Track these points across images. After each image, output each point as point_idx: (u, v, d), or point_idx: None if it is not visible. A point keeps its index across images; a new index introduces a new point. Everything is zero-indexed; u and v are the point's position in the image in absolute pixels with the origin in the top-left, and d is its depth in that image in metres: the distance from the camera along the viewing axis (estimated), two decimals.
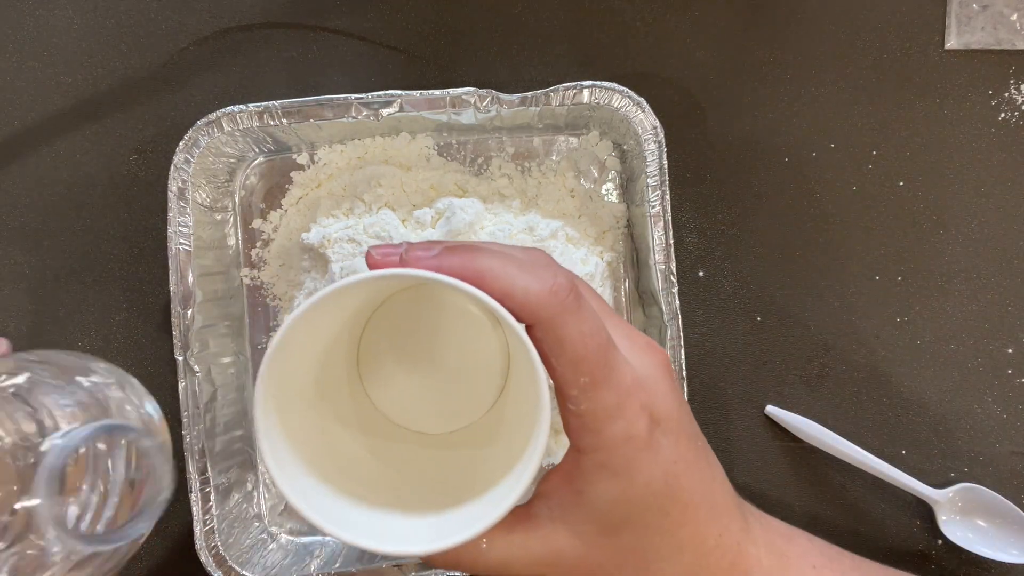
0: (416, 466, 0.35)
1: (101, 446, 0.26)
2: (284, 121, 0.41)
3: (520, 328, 0.26)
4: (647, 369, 0.29)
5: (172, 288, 0.41)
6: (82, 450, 0.25)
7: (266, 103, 0.41)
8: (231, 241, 0.46)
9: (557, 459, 0.42)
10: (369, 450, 0.34)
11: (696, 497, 0.29)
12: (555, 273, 0.27)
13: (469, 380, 0.37)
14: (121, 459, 0.26)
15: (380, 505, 0.30)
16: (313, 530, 0.44)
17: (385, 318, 0.37)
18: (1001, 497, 0.44)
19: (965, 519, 0.44)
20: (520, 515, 0.29)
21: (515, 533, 0.29)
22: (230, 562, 0.41)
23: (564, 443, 0.42)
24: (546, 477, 0.30)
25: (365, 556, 0.42)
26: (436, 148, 0.45)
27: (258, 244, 0.46)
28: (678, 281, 0.41)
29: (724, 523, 0.30)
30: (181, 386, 0.41)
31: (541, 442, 0.26)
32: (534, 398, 0.27)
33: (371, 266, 0.29)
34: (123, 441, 0.26)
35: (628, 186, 0.44)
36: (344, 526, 0.27)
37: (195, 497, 0.41)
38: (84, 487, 0.25)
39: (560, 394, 0.28)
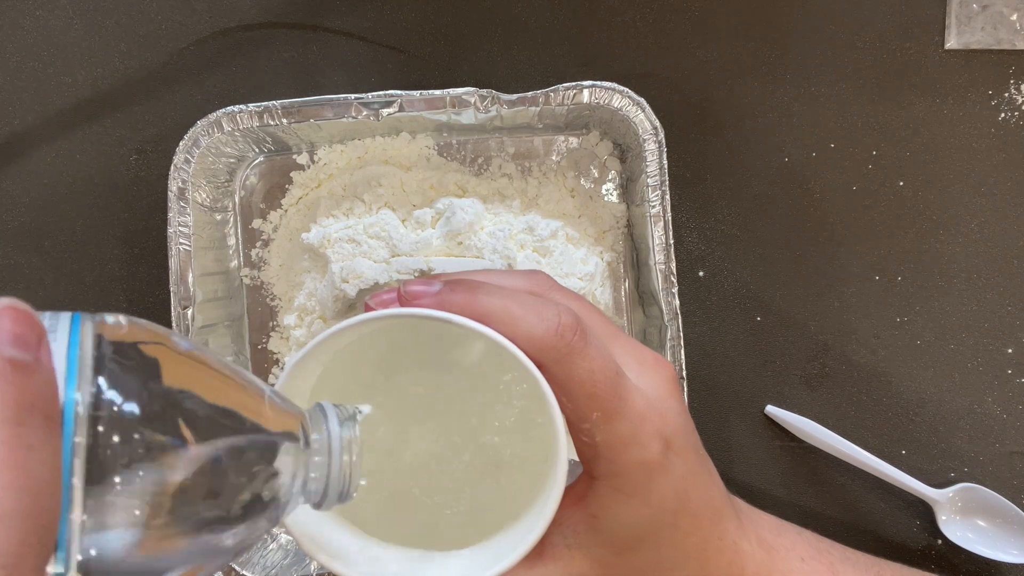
0: (434, 502, 0.34)
1: None
2: (284, 121, 0.41)
3: (532, 366, 0.26)
4: (656, 389, 0.29)
5: (172, 288, 0.41)
6: None
7: (266, 103, 0.41)
8: (231, 241, 0.46)
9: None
10: (386, 490, 0.33)
11: (702, 507, 0.30)
12: (558, 312, 0.27)
13: (484, 413, 0.36)
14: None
15: (401, 544, 0.29)
16: None
17: (392, 355, 0.35)
18: (1001, 497, 0.44)
19: (965, 519, 0.44)
20: (537, 547, 0.29)
21: (535, 567, 0.29)
22: (230, 562, 0.41)
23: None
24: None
25: None
26: (436, 148, 0.45)
27: (258, 244, 0.46)
28: (678, 281, 0.41)
29: (723, 526, 0.31)
30: None
31: (560, 477, 0.26)
32: (550, 433, 0.27)
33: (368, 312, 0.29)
34: None
35: (628, 186, 0.44)
36: (366, 569, 0.27)
37: None
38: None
39: (573, 427, 0.28)
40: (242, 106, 0.41)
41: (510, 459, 0.35)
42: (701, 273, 0.46)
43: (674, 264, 0.41)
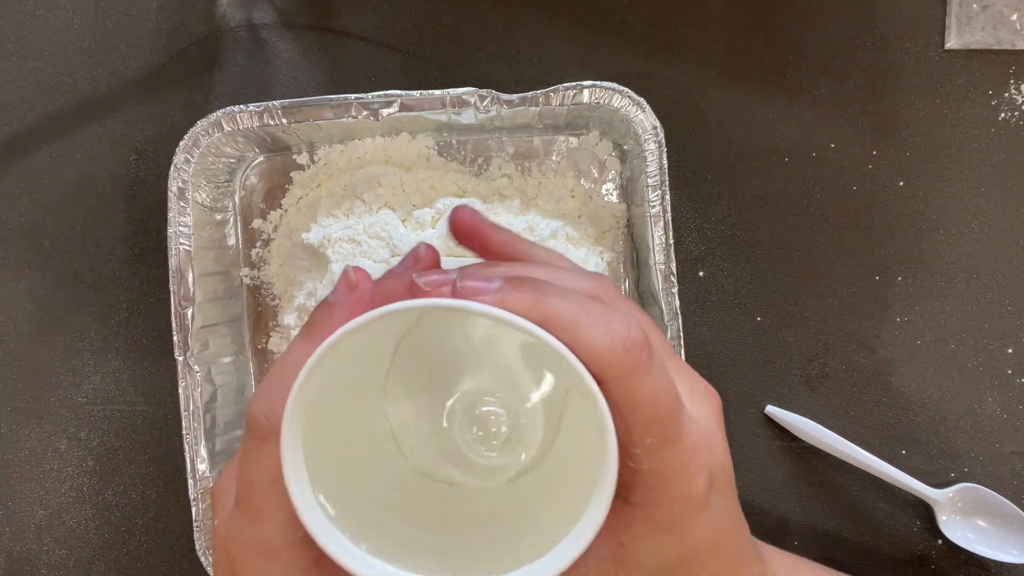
0: (456, 522, 0.32)
1: None
2: (284, 121, 0.41)
3: (596, 388, 0.24)
4: (705, 420, 0.28)
5: (172, 288, 0.41)
6: None
7: (266, 103, 0.41)
8: (231, 241, 0.46)
9: None
10: (405, 505, 0.31)
11: (733, 549, 0.29)
12: (628, 324, 0.25)
13: (510, 422, 0.34)
14: None
15: (420, 569, 0.27)
16: None
17: (414, 350, 0.32)
18: (1001, 497, 0.44)
19: (965, 519, 0.44)
20: None
21: None
22: None
23: None
24: None
25: None
26: (436, 148, 0.45)
27: (258, 244, 0.46)
28: (678, 281, 0.41)
29: (748, 565, 0.30)
30: (181, 386, 0.41)
31: (604, 506, 0.24)
32: (597, 455, 0.25)
33: (416, 296, 0.26)
34: None
35: (628, 186, 0.44)
36: None
37: (195, 497, 0.41)
38: None
39: (621, 450, 0.26)
40: (242, 106, 0.41)
41: (549, 479, 0.33)
42: (701, 273, 0.46)
43: (674, 264, 0.41)
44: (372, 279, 0.29)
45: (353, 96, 0.41)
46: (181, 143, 0.41)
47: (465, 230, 0.37)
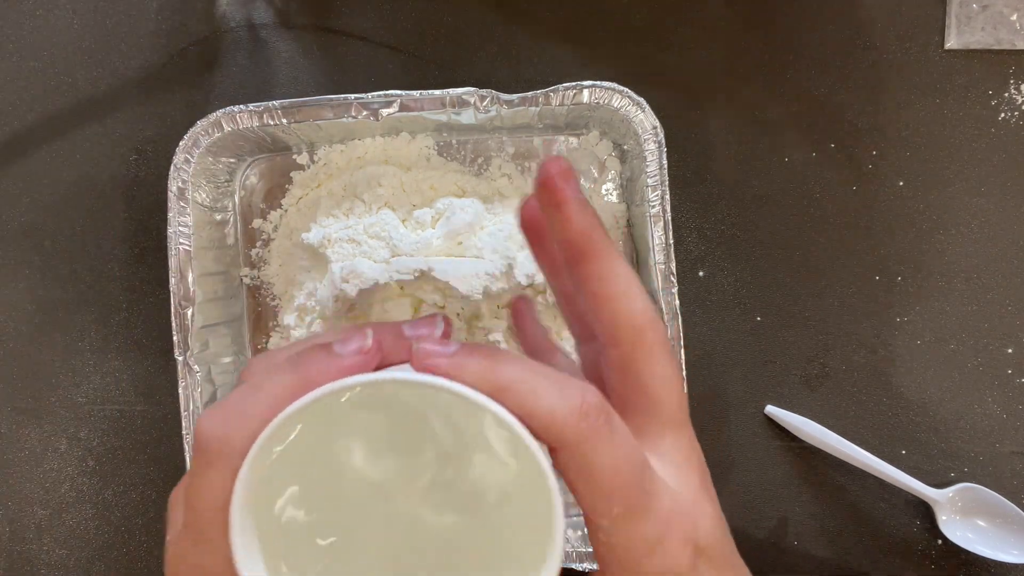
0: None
1: None
2: (284, 121, 0.41)
3: (545, 463, 0.23)
4: (686, 488, 0.26)
5: (172, 288, 0.41)
6: None
7: (266, 103, 0.41)
8: (231, 241, 0.46)
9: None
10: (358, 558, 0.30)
11: None
12: (583, 389, 0.24)
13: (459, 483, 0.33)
14: None
15: None
16: None
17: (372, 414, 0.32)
18: (1001, 497, 0.44)
19: (965, 519, 0.44)
20: None
21: None
22: None
23: None
24: None
25: None
26: (436, 148, 0.45)
27: (258, 244, 0.46)
28: (678, 281, 0.41)
29: None
30: (181, 386, 0.41)
31: None
32: (545, 528, 0.23)
33: (381, 366, 0.25)
34: None
35: (628, 186, 0.44)
36: None
37: None
38: None
39: (588, 522, 0.25)
40: (242, 106, 0.41)
41: (500, 544, 0.31)
42: (701, 273, 0.46)
43: (674, 264, 0.41)
44: (381, 349, 0.27)
45: (353, 96, 0.41)
46: (181, 143, 0.41)
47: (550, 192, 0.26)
